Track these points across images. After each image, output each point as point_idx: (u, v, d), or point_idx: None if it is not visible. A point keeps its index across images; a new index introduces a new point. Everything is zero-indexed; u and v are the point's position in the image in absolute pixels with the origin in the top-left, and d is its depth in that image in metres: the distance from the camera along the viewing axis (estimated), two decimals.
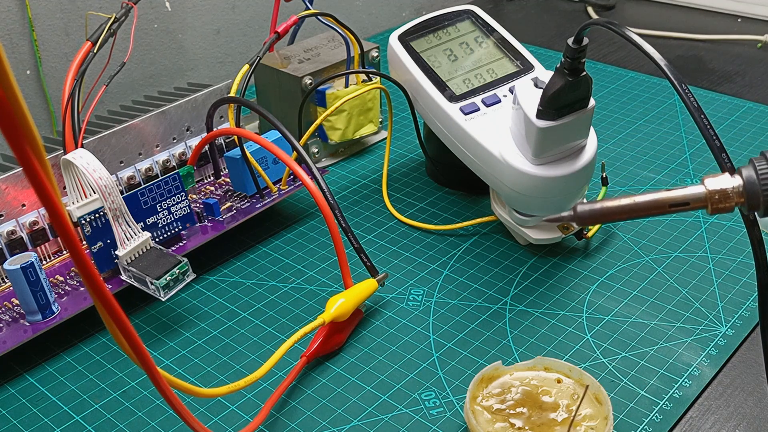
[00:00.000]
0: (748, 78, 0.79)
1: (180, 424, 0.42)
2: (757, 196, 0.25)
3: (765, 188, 0.25)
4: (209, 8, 0.77)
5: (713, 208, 0.26)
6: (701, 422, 0.41)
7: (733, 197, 0.26)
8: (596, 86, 0.77)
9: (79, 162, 0.44)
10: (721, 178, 0.26)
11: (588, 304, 0.49)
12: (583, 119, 0.48)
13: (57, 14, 0.65)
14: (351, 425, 0.41)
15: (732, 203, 0.26)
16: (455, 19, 0.58)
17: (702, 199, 0.26)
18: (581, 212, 0.27)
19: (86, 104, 0.50)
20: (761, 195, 0.25)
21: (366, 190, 0.62)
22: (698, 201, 0.26)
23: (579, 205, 0.28)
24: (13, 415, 0.43)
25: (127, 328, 0.27)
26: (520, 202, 0.51)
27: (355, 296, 0.46)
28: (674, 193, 0.27)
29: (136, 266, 0.46)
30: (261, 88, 0.67)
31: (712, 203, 0.26)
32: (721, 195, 0.26)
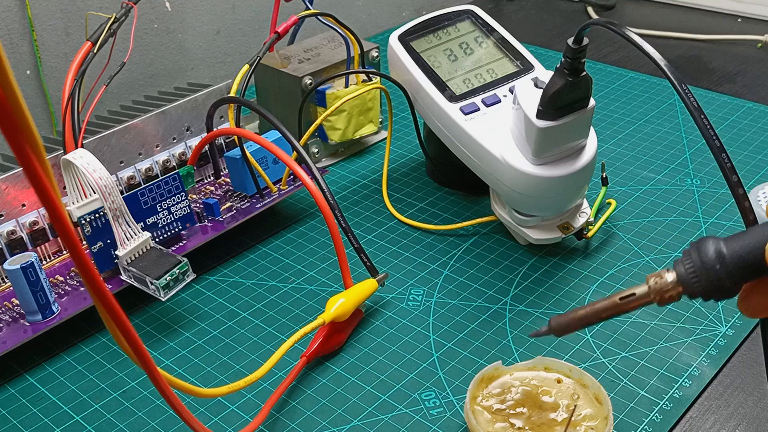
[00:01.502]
0: (748, 78, 0.79)
1: (180, 424, 0.42)
2: (691, 289, 0.29)
3: (694, 281, 0.29)
4: (209, 8, 0.77)
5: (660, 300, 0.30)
6: (701, 422, 0.41)
7: (674, 289, 0.30)
8: (596, 86, 0.77)
9: (79, 162, 0.44)
10: (661, 275, 0.30)
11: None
12: (583, 119, 0.48)
13: (57, 14, 0.65)
14: (351, 425, 0.41)
15: (675, 293, 0.30)
16: (455, 19, 0.58)
17: (647, 295, 0.30)
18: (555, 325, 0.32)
19: (86, 104, 0.50)
20: (693, 287, 0.29)
21: (366, 190, 0.62)
22: (644, 297, 0.30)
23: (553, 319, 0.33)
24: (13, 415, 0.43)
25: (127, 328, 0.27)
26: (520, 202, 0.51)
27: (355, 296, 0.46)
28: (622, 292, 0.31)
29: (136, 266, 0.46)
30: (261, 88, 0.67)
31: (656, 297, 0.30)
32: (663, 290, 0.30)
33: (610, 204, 0.56)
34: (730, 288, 0.29)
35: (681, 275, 0.29)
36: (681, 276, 0.29)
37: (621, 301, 0.31)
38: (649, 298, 0.30)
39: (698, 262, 0.29)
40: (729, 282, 0.28)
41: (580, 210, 0.54)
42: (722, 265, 0.28)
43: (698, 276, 0.29)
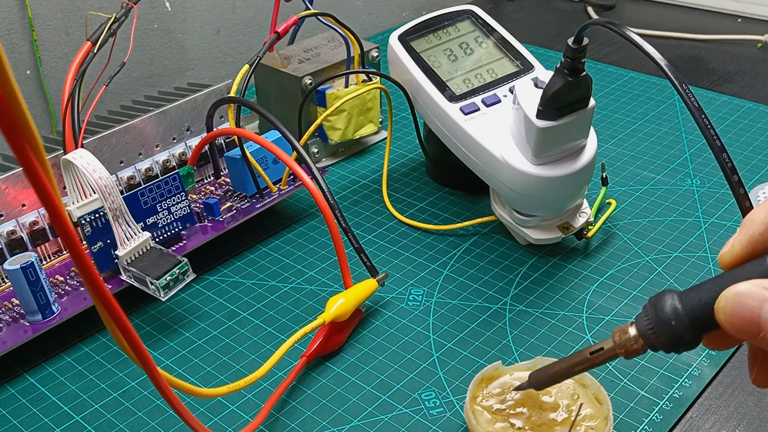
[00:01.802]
0: (748, 78, 0.79)
1: (180, 424, 0.42)
2: (652, 343, 0.30)
3: (653, 336, 0.30)
4: (209, 8, 0.77)
5: (625, 354, 0.31)
6: (701, 422, 0.41)
7: (637, 343, 0.31)
8: (596, 86, 0.77)
9: (79, 162, 0.44)
10: (624, 330, 0.31)
11: (588, 304, 0.49)
12: (583, 119, 0.48)
13: (57, 14, 0.65)
14: (351, 425, 0.41)
15: (638, 346, 0.31)
16: (455, 19, 0.58)
17: (613, 349, 0.32)
18: (534, 380, 0.35)
19: (86, 104, 0.50)
20: (653, 341, 0.30)
21: (366, 190, 0.62)
22: (611, 351, 0.32)
23: (532, 374, 0.35)
24: (13, 415, 0.43)
25: (127, 328, 0.27)
26: (520, 202, 0.51)
27: (355, 296, 0.46)
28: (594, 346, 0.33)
29: (136, 266, 0.46)
30: (261, 88, 0.67)
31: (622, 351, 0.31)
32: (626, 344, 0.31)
33: (610, 204, 0.56)
34: (689, 341, 0.30)
35: (641, 330, 0.31)
36: (641, 331, 0.31)
37: (591, 355, 0.33)
38: (615, 351, 0.32)
39: (655, 318, 0.30)
40: (686, 336, 0.29)
41: (580, 210, 0.54)
42: (678, 320, 0.29)
43: (656, 331, 0.30)
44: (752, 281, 0.27)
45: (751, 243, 0.28)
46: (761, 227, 0.28)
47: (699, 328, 0.29)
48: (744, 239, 0.28)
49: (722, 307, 0.27)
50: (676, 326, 0.29)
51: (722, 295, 0.27)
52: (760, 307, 0.26)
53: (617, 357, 0.32)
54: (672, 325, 0.29)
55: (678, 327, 0.29)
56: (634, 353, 0.31)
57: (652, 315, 0.30)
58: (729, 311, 0.27)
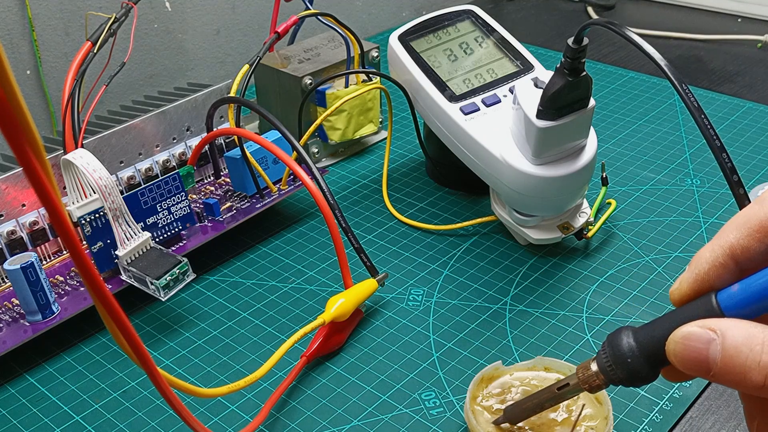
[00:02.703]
0: (748, 78, 0.79)
1: (180, 424, 0.42)
2: (611, 378, 0.31)
3: (611, 372, 0.31)
4: (209, 8, 0.77)
5: (589, 389, 0.33)
6: (701, 422, 0.41)
7: (598, 378, 0.32)
8: (596, 86, 0.77)
9: (79, 162, 0.44)
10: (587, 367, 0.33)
11: (588, 304, 0.49)
12: (583, 119, 0.48)
13: (57, 14, 0.65)
14: (351, 425, 0.41)
15: (600, 382, 0.32)
16: (455, 19, 0.58)
17: (577, 384, 0.33)
18: (509, 415, 0.38)
19: (86, 104, 0.50)
20: (612, 377, 0.31)
21: (366, 190, 0.62)
22: (575, 385, 0.34)
23: (506, 409, 0.38)
24: (13, 415, 0.43)
25: (127, 328, 0.27)
26: (520, 202, 0.51)
27: (355, 296, 0.46)
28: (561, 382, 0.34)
29: (136, 266, 0.46)
30: (261, 88, 0.67)
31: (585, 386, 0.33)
32: (589, 380, 0.33)
33: (610, 204, 0.56)
34: (647, 376, 0.30)
35: (601, 367, 0.32)
36: (601, 368, 0.32)
37: (558, 391, 0.35)
38: (580, 386, 0.33)
39: (612, 356, 0.31)
40: (643, 372, 0.30)
41: (580, 210, 0.54)
42: (633, 357, 0.30)
43: (614, 368, 0.31)
44: (698, 322, 0.28)
45: (698, 281, 0.29)
46: (706, 266, 0.28)
47: (654, 363, 0.30)
48: (691, 277, 0.29)
49: (672, 350, 0.28)
50: (633, 363, 0.30)
51: (670, 338, 0.28)
52: (706, 348, 0.27)
53: (582, 391, 0.34)
54: (628, 362, 0.30)
55: (634, 363, 0.30)
56: (597, 389, 0.33)
57: (609, 352, 0.31)
58: (678, 353, 0.28)
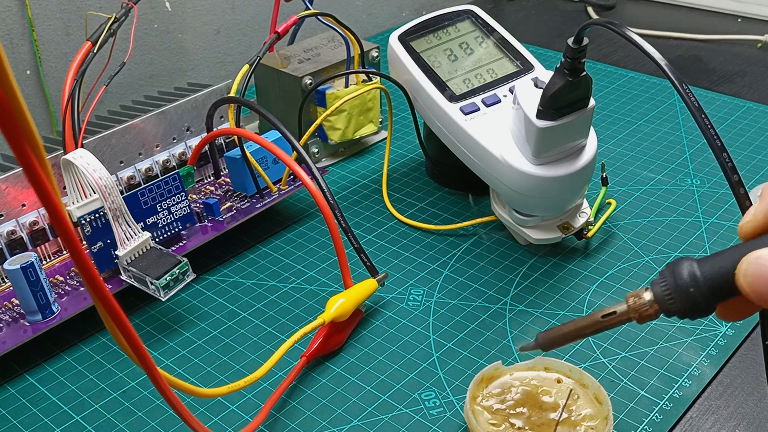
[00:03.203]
0: (748, 78, 0.79)
1: (180, 424, 0.42)
2: (667, 308, 0.30)
3: (670, 302, 0.30)
4: (209, 8, 0.77)
5: (638, 318, 0.31)
6: (701, 422, 0.41)
7: (651, 308, 0.31)
8: (596, 86, 0.77)
9: (79, 162, 0.44)
10: (639, 295, 0.31)
11: (588, 304, 0.49)
12: (583, 119, 0.48)
13: (57, 14, 0.65)
14: (351, 425, 0.41)
15: (652, 311, 0.31)
16: (455, 19, 0.58)
17: (626, 313, 0.32)
18: (542, 340, 0.34)
19: (86, 104, 0.50)
20: (668, 307, 0.30)
21: (366, 190, 0.62)
22: (624, 314, 0.32)
23: (540, 335, 0.35)
24: (13, 415, 0.43)
25: (127, 328, 0.27)
26: (520, 202, 0.51)
27: (355, 296, 0.46)
28: (604, 310, 0.32)
29: (136, 266, 0.46)
30: (261, 88, 0.67)
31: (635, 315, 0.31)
32: (640, 309, 0.31)
33: (610, 204, 0.56)
34: (706, 308, 0.30)
35: (657, 295, 0.31)
36: (657, 296, 0.31)
37: (603, 318, 0.32)
38: (628, 315, 0.32)
39: (673, 284, 0.30)
40: (703, 303, 0.29)
41: (580, 210, 0.54)
42: (696, 287, 0.29)
43: (673, 297, 0.30)
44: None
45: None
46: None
47: (716, 295, 0.29)
48: (766, 209, 0.28)
49: (743, 270, 0.27)
50: (694, 293, 0.29)
51: (745, 258, 0.27)
52: None
53: (629, 321, 0.32)
54: (690, 291, 0.29)
55: (696, 294, 0.29)
56: (647, 318, 0.31)
57: (670, 281, 0.30)
58: (751, 274, 0.27)
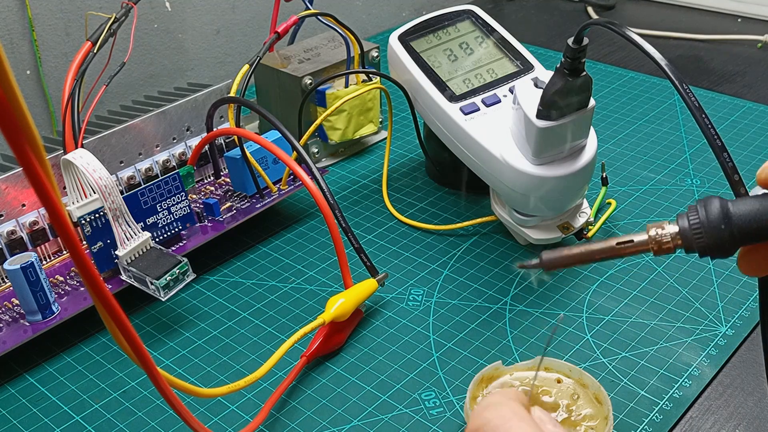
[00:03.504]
0: (748, 78, 0.79)
1: (180, 424, 0.42)
2: (691, 244, 0.29)
3: (698, 237, 0.29)
4: (209, 8, 0.77)
5: (656, 250, 0.30)
6: (701, 422, 0.41)
7: (673, 242, 0.30)
8: (596, 86, 0.77)
9: (79, 162, 0.44)
10: (662, 226, 0.30)
11: (588, 304, 0.49)
12: (583, 119, 0.48)
13: (57, 14, 0.65)
14: (351, 425, 0.41)
15: (673, 245, 0.30)
16: (455, 19, 0.58)
17: (645, 243, 0.30)
18: (546, 260, 0.32)
19: (86, 104, 0.50)
20: (694, 242, 0.29)
21: (366, 190, 0.62)
22: (642, 244, 0.30)
23: (544, 253, 0.32)
24: (13, 415, 0.43)
25: (127, 328, 0.27)
26: (520, 202, 0.51)
27: (355, 296, 0.46)
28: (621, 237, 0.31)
29: (136, 266, 0.46)
30: (261, 88, 0.67)
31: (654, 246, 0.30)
32: (662, 241, 0.30)
33: (610, 204, 0.56)
34: (729, 249, 0.29)
35: (684, 229, 0.29)
36: (684, 230, 0.29)
37: (617, 246, 0.31)
38: (647, 246, 0.30)
39: (704, 219, 0.29)
40: (730, 243, 0.29)
41: (580, 210, 0.54)
42: (727, 225, 0.29)
43: (702, 233, 0.29)
44: None
45: None
46: None
47: (746, 236, 0.29)
48: None
49: None
50: (725, 231, 0.29)
51: None
52: None
53: (644, 252, 0.30)
54: (721, 228, 0.29)
55: (725, 232, 0.29)
56: (665, 251, 0.30)
57: (702, 215, 0.29)
58: None
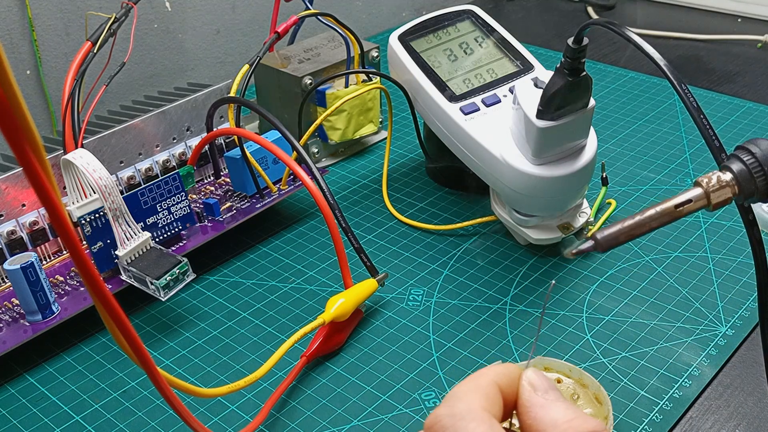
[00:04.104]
0: (748, 78, 0.79)
1: (180, 424, 0.42)
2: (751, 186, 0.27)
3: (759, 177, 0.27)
4: (209, 8, 0.77)
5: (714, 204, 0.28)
6: (701, 422, 0.41)
7: (729, 189, 0.28)
8: (596, 86, 0.77)
9: (79, 162, 0.44)
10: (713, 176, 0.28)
11: (588, 304, 0.49)
12: (583, 119, 0.48)
13: (57, 14, 0.65)
14: (351, 425, 0.41)
15: (729, 195, 0.28)
16: (455, 19, 0.58)
17: (702, 197, 0.28)
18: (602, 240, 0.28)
19: (86, 104, 0.50)
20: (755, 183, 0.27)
21: (366, 190, 0.62)
22: (700, 199, 0.28)
23: (598, 233, 0.29)
24: (13, 415, 0.43)
25: (127, 328, 0.27)
26: (520, 202, 0.51)
27: (355, 296, 0.46)
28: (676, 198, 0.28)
29: (136, 266, 0.46)
30: (261, 88, 0.67)
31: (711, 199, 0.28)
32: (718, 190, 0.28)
33: (610, 204, 0.56)
34: None
35: (741, 172, 0.28)
36: (741, 173, 0.28)
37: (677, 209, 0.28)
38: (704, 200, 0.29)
39: (762, 157, 0.28)
40: None
41: (580, 210, 0.54)
42: None
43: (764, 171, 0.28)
44: None
45: None
46: None
47: None
48: None
49: None
50: None
51: None
52: None
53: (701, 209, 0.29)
54: None
55: None
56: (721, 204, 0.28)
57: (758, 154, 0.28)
58: None
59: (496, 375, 0.27)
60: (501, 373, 0.27)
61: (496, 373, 0.27)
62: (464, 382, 0.27)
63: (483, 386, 0.27)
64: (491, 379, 0.27)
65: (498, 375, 0.27)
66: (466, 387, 0.27)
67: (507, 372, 0.28)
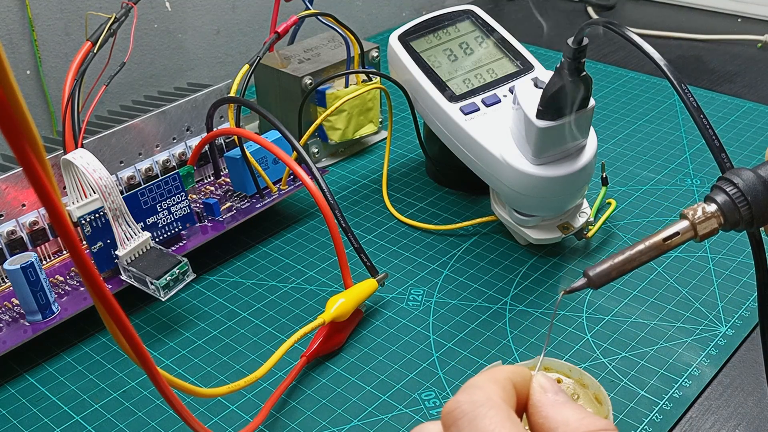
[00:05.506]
0: (748, 78, 0.79)
1: (180, 424, 0.42)
2: (735, 216, 0.28)
3: (743, 205, 0.28)
4: (209, 8, 0.77)
5: (701, 236, 0.29)
6: (701, 422, 0.41)
7: (714, 220, 0.29)
8: (596, 86, 0.77)
9: (79, 162, 0.44)
10: (698, 208, 0.29)
11: (588, 304, 0.49)
12: (583, 119, 0.48)
13: (57, 14, 0.65)
14: (351, 425, 0.41)
15: (715, 225, 0.29)
16: (455, 19, 0.58)
17: (688, 229, 0.29)
18: (594, 276, 0.29)
19: (86, 104, 0.50)
20: (739, 213, 0.28)
21: (366, 190, 0.62)
22: (687, 231, 0.29)
23: (589, 270, 0.29)
24: (13, 415, 0.43)
25: (127, 328, 0.27)
26: (520, 202, 0.51)
27: (355, 296, 0.46)
28: (664, 232, 0.29)
29: (136, 266, 0.46)
30: (261, 88, 0.67)
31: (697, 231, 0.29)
32: (705, 221, 0.29)
33: (610, 204, 0.56)
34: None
35: (725, 203, 0.28)
36: (724, 204, 0.28)
37: (665, 242, 0.29)
38: (691, 232, 0.29)
39: (744, 187, 0.28)
40: None
41: (580, 210, 0.54)
42: (766, 188, 0.28)
43: (747, 200, 0.28)
44: None
45: None
46: None
47: None
48: None
49: None
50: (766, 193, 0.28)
51: None
52: None
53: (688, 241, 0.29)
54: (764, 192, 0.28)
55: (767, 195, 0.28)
56: (708, 235, 0.29)
57: (742, 186, 0.28)
58: None
59: (511, 373, 0.28)
60: (515, 372, 0.29)
61: (510, 371, 0.29)
62: (482, 374, 0.28)
63: (500, 380, 0.28)
64: (507, 375, 0.28)
65: (513, 373, 0.29)
66: (485, 377, 0.28)
67: (520, 372, 0.29)
